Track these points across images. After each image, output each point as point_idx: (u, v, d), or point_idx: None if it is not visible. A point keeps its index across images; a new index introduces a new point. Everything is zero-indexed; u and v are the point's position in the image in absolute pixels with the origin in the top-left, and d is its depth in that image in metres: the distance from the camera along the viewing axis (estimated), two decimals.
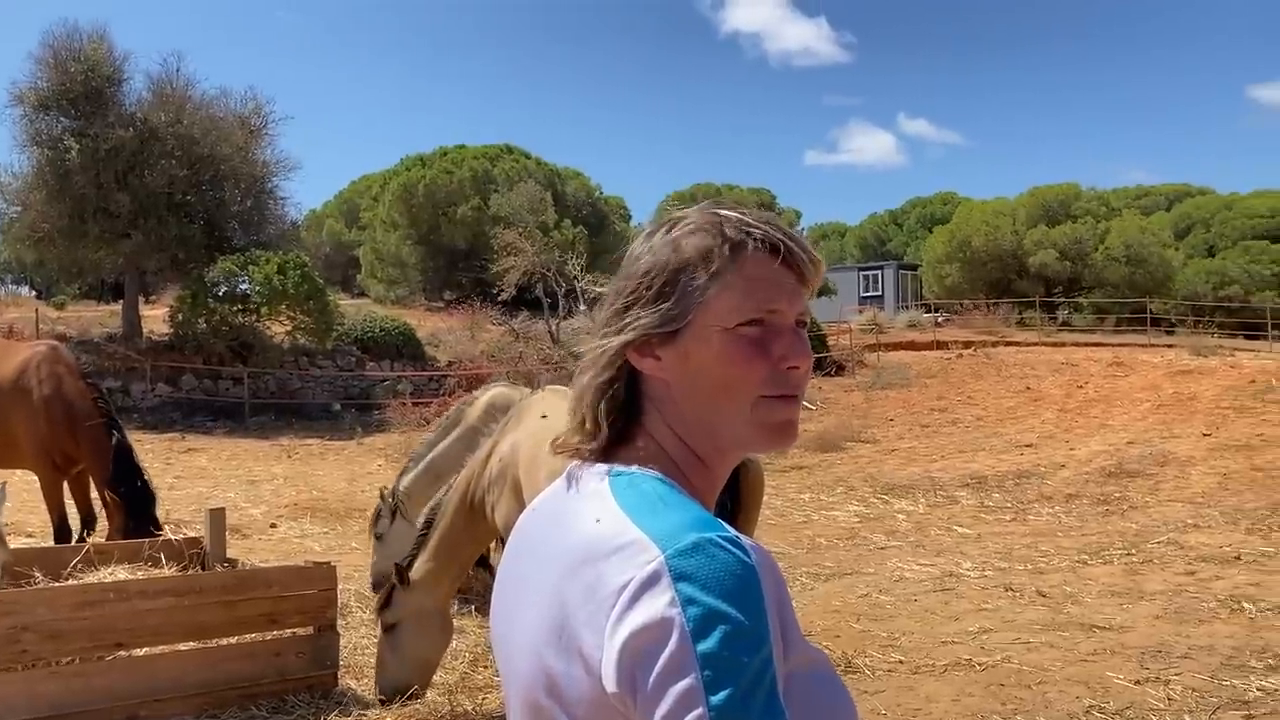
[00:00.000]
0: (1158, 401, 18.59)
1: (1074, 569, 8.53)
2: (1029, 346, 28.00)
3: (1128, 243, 38.98)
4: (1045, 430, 17.76)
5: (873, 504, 12.28)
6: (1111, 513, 11.41)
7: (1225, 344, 26.37)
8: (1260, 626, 6.56)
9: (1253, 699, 5.17)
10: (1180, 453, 14.37)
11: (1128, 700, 5.18)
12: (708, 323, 1.04)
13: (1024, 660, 5.92)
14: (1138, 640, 6.28)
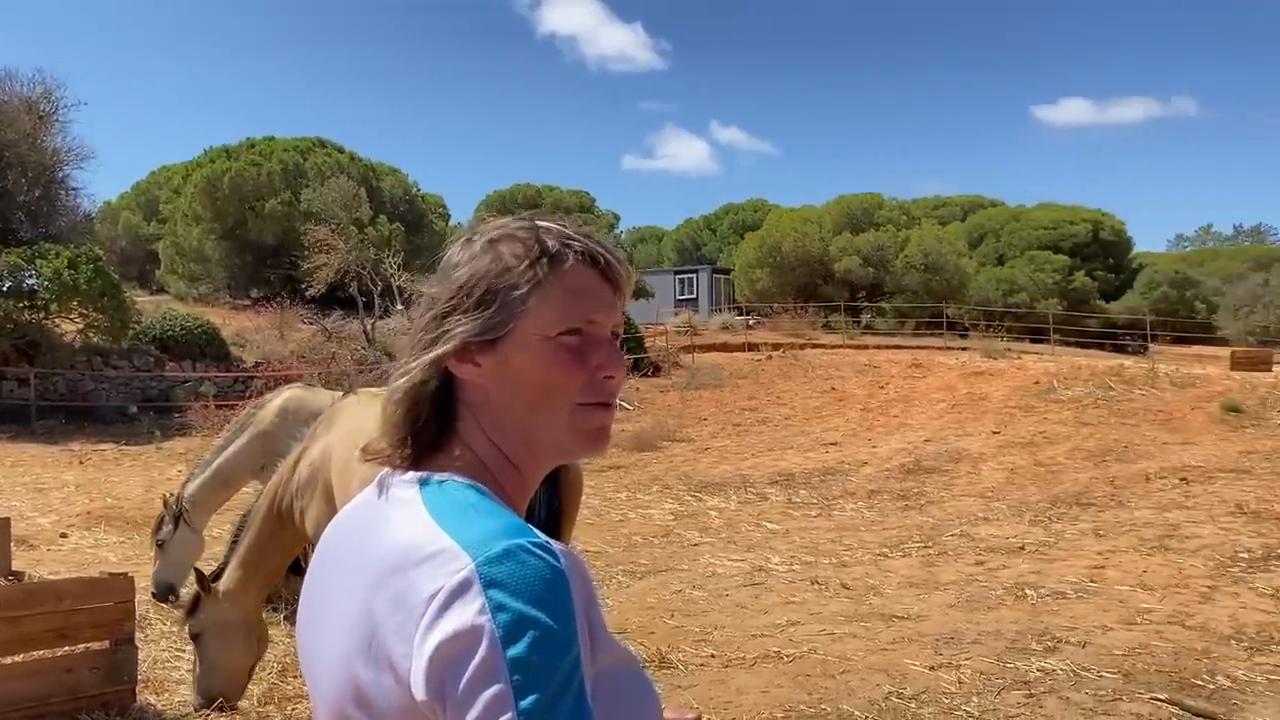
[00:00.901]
0: (952, 401, 19.67)
1: (875, 562, 8.94)
2: (835, 349, 29.13)
3: (926, 251, 41.09)
4: (849, 429, 18.54)
5: (687, 502, 12.53)
6: (910, 507, 12.01)
7: (1013, 347, 28.12)
8: (1041, 611, 7.04)
9: (1033, 679, 5.55)
10: (972, 450, 15.25)
11: (923, 685, 5.47)
12: (529, 331, 1.06)
13: (829, 651, 6.17)
14: (933, 628, 6.64)
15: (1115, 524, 10.01)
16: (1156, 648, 6.12)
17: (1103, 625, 6.65)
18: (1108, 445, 14.86)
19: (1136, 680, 5.52)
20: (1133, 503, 11.04)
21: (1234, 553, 8.58)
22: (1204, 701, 5.20)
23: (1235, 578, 7.90)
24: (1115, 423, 16.52)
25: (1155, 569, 8.20)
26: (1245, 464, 12.77)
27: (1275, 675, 5.66)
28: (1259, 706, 5.18)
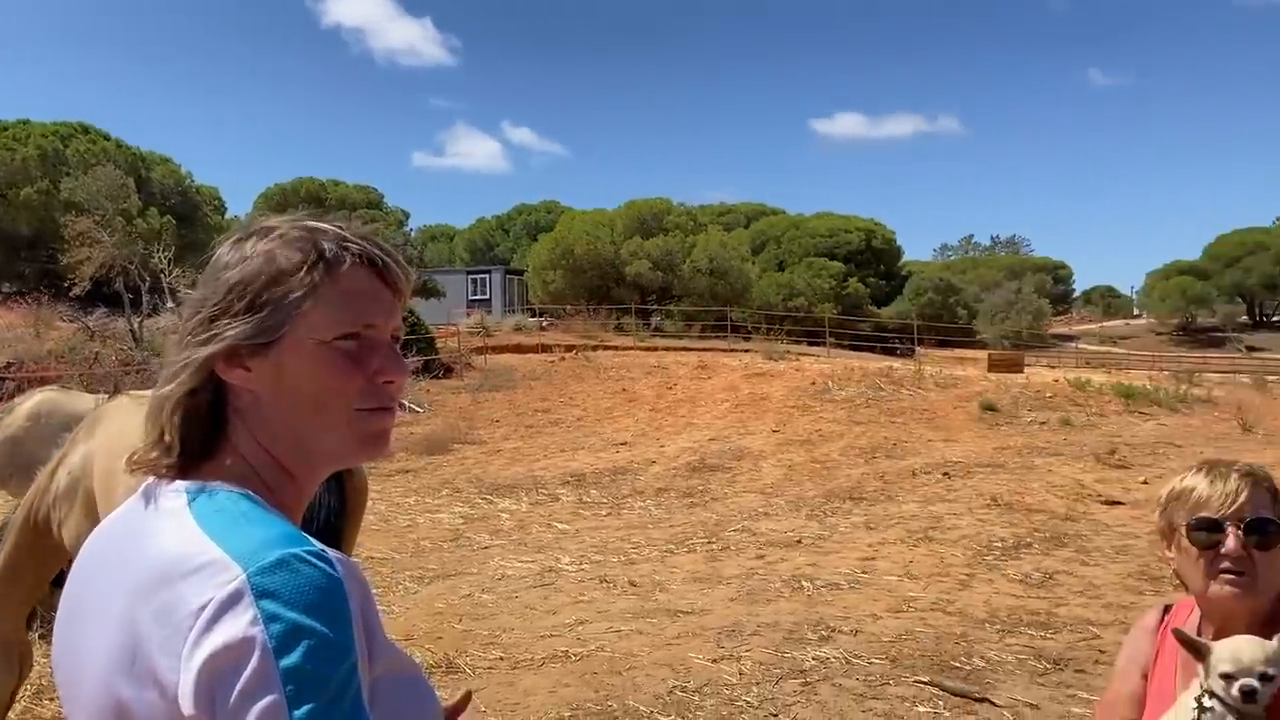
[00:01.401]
0: (736, 401, 20.33)
1: (662, 558, 9.13)
2: (625, 350, 29.57)
3: (712, 256, 42.28)
4: (639, 429, 18.86)
5: (477, 504, 12.44)
6: (695, 505, 12.34)
7: (793, 350, 29.31)
8: (816, 602, 7.38)
9: (809, 667, 5.81)
10: (754, 448, 15.81)
11: (706, 678, 5.64)
12: (303, 336, 1.03)
13: (616, 648, 6.26)
14: (716, 621, 6.85)
15: (884, 517, 10.59)
16: (920, 633, 6.53)
17: (873, 614, 7.03)
18: (878, 442, 15.71)
19: (902, 665, 5.86)
20: (900, 496, 11.71)
21: (989, 542, 9.24)
22: (961, 682, 5.58)
23: (990, 565, 8.51)
24: (885, 421, 17.48)
25: (920, 559, 8.73)
26: (999, 459, 13.77)
27: (1023, 654, 6.14)
28: (1009, 684, 5.61)
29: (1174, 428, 17.31)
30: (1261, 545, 1.69)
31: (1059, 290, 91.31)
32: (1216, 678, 1.63)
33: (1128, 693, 1.91)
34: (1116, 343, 70.87)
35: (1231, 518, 1.71)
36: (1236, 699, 1.59)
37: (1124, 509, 10.75)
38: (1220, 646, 1.64)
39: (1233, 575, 1.70)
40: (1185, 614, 1.88)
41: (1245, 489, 1.72)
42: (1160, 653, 1.86)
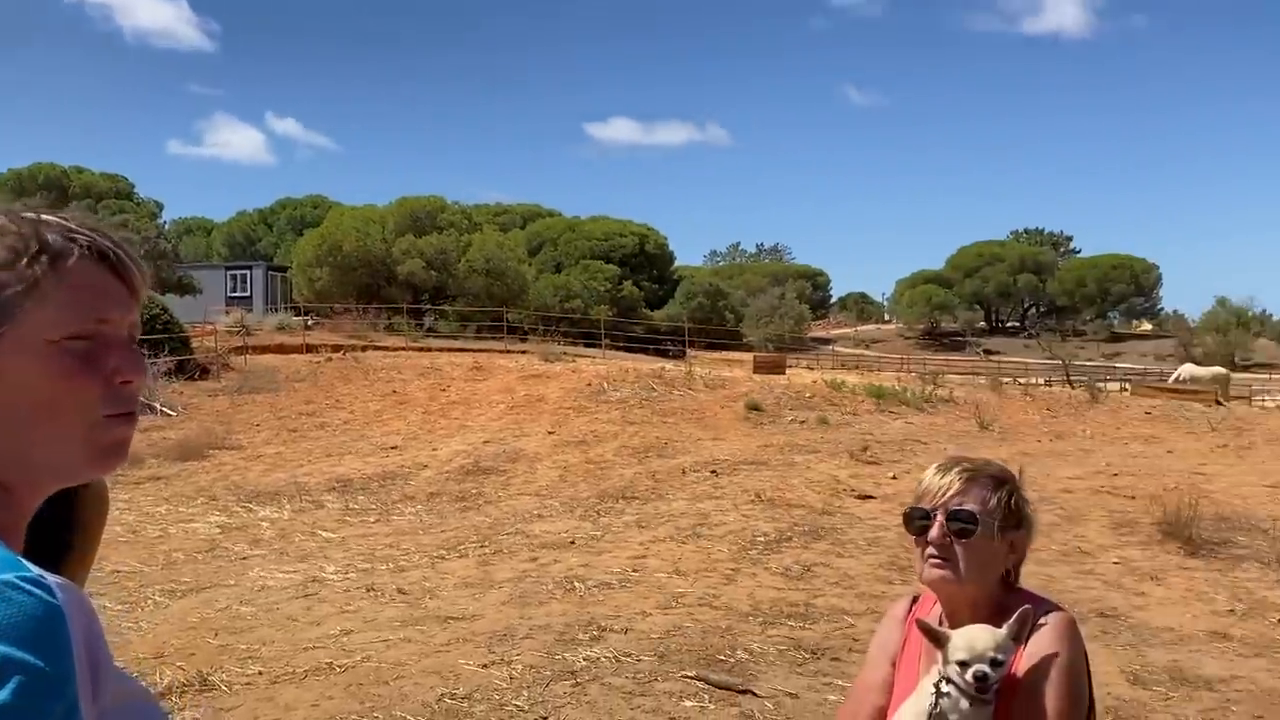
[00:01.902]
0: (511, 403, 20.26)
1: (433, 564, 8.98)
2: (397, 351, 28.93)
3: (488, 256, 42.02)
4: (410, 432, 18.49)
5: (236, 513, 11.85)
6: (469, 508, 12.21)
7: (569, 351, 29.50)
8: (588, 603, 7.44)
9: (580, 668, 5.85)
10: (529, 450, 15.80)
11: (476, 684, 5.58)
12: (25, 335, 0.94)
13: (383, 657, 6.11)
14: (487, 626, 6.79)
15: (655, 515, 10.81)
16: (688, 629, 6.70)
17: (643, 611, 7.16)
18: (650, 442, 16.03)
19: (670, 660, 6.00)
20: (671, 495, 11.99)
21: (752, 537, 9.59)
22: (726, 674, 5.76)
23: (753, 560, 8.83)
24: (657, 421, 17.86)
25: (688, 555, 8.96)
26: (763, 456, 14.33)
27: (783, 645, 6.40)
28: (770, 674, 5.83)
29: (920, 426, 18.51)
30: (959, 534, 1.82)
31: (818, 296, 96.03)
32: (953, 665, 1.74)
33: (877, 680, 2.01)
34: (869, 346, 75.21)
35: (941, 507, 1.84)
36: (970, 684, 1.71)
37: (875, 503, 11.40)
38: (957, 635, 1.76)
39: (937, 560, 1.84)
40: (930, 603, 2.01)
41: (959, 483, 1.86)
42: (907, 641, 1.97)
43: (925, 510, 1.87)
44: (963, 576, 1.83)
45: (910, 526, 1.90)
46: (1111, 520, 10.60)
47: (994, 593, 1.88)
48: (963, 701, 1.73)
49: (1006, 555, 1.89)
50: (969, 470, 1.90)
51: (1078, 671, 1.77)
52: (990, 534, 1.85)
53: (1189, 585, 8.47)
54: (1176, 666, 6.29)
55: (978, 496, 1.86)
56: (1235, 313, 75.23)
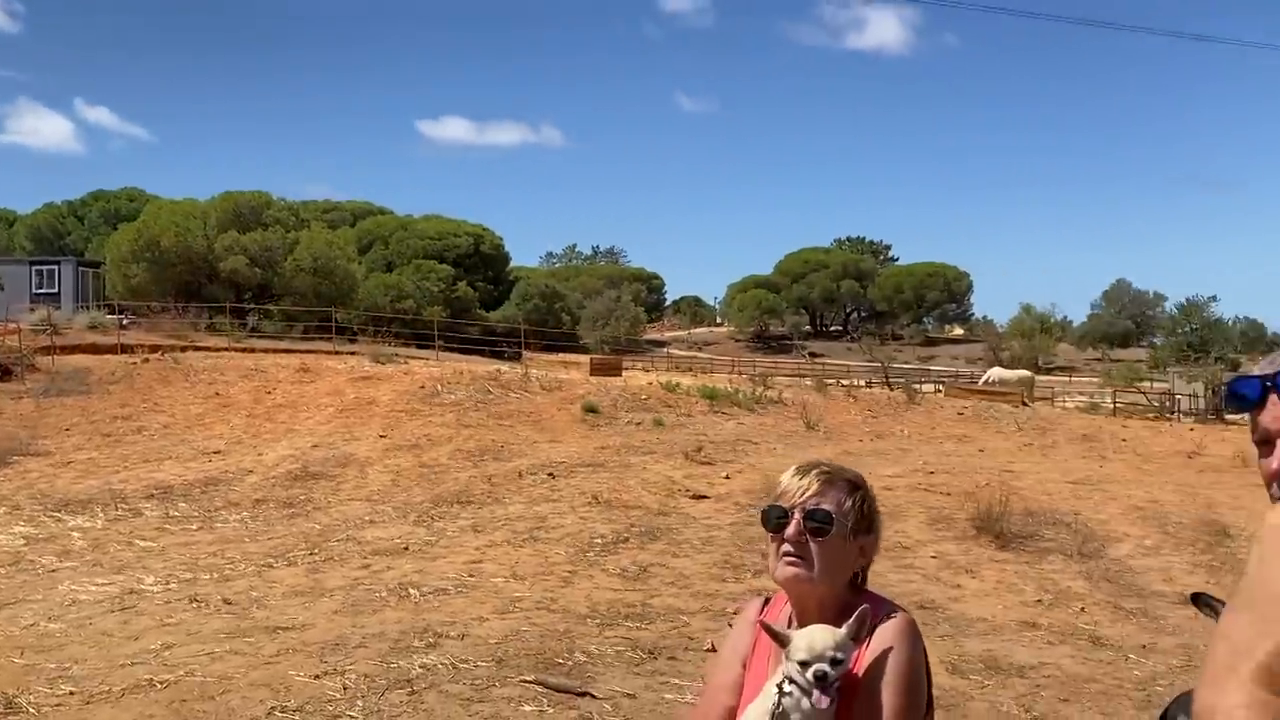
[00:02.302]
0: (341, 406, 19.72)
1: (260, 573, 8.67)
2: (219, 352, 27.75)
3: (315, 254, 40.80)
4: (234, 436, 17.78)
5: (43, 523, 11.15)
6: (297, 515, 11.84)
7: (401, 352, 28.91)
8: (423, 609, 7.33)
9: (415, 676, 5.76)
10: (360, 454, 15.43)
11: (308, 696, 5.42)
12: None
13: (208, 671, 5.86)
14: (318, 636, 6.61)
15: (491, 519, 10.74)
16: (526, 633, 6.68)
17: (480, 617, 7.10)
18: (486, 445, 15.89)
19: (508, 665, 5.97)
20: (507, 498, 11.92)
21: (590, 539, 9.64)
22: (564, 678, 5.78)
23: (591, 561, 8.88)
24: (493, 424, 17.71)
25: (526, 559, 8.94)
26: (600, 458, 14.41)
27: (621, 646, 6.47)
28: (608, 675, 5.88)
29: (751, 426, 18.98)
30: (815, 533, 1.89)
31: (653, 299, 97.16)
32: (794, 664, 1.79)
33: (728, 681, 2.05)
34: (702, 348, 76.60)
35: (798, 507, 1.90)
36: (810, 683, 1.77)
37: (709, 503, 11.63)
38: (797, 635, 1.82)
39: (792, 558, 1.89)
40: (781, 605, 2.06)
41: (817, 484, 1.93)
42: (757, 642, 2.02)
43: (783, 509, 1.92)
44: (816, 575, 1.89)
45: (767, 524, 1.95)
46: (929, 516, 11.12)
47: (842, 594, 1.94)
48: (804, 701, 1.77)
49: (856, 558, 1.96)
50: (827, 473, 1.97)
51: (917, 671, 1.84)
52: (844, 535, 1.91)
53: (1000, 577, 8.97)
54: (991, 655, 6.65)
55: (834, 498, 1.93)
56: (1039, 319, 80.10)
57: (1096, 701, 5.89)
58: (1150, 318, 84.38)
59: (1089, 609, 8.10)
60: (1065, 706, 5.78)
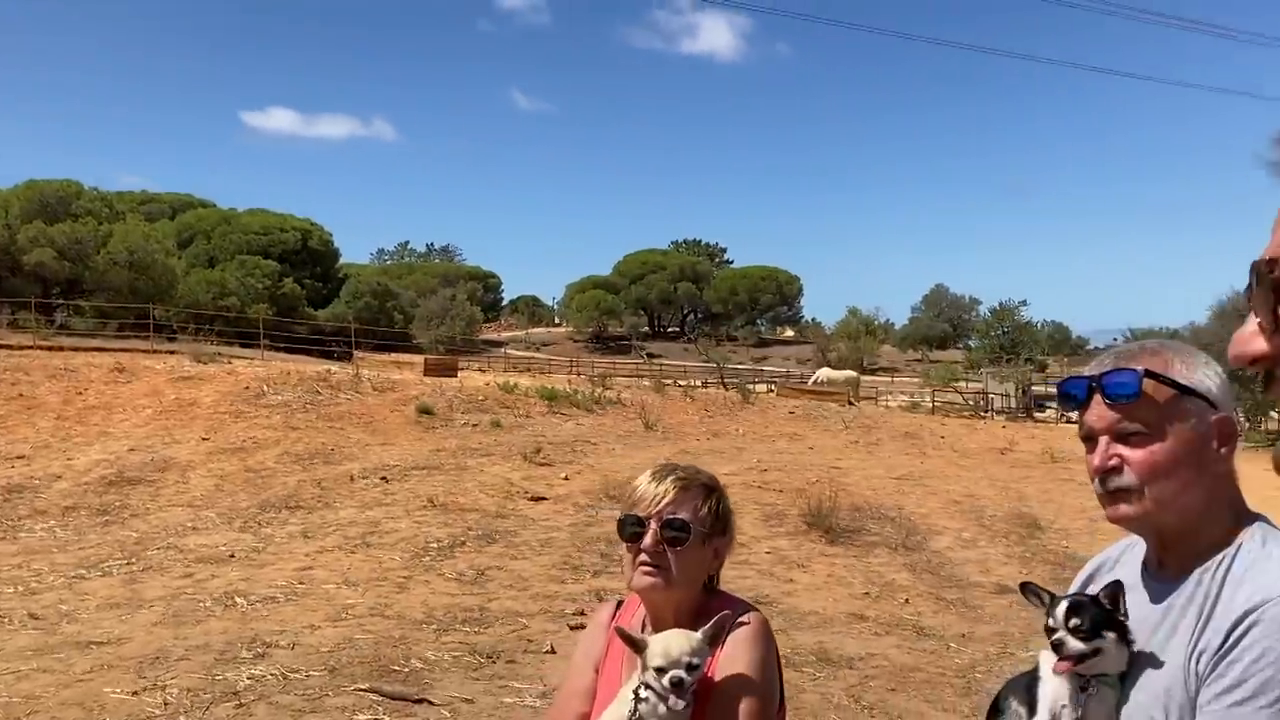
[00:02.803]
0: (160, 408, 18.79)
1: (70, 585, 8.17)
2: (23, 350, 26.01)
3: (131, 248, 38.74)
4: (41, 440, 16.70)
5: None
6: (112, 522, 11.21)
7: (224, 352, 27.75)
8: (251, 618, 7.05)
9: (243, 688, 5.53)
10: (181, 458, 14.73)
11: (125, 713, 5.13)
12: None
13: (14, 691, 5.48)
14: (136, 650, 6.27)
15: (322, 525, 10.41)
16: (360, 640, 6.50)
17: (311, 625, 6.87)
18: (315, 448, 15.41)
19: (342, 674, 5.80)
20: (338, 503, 11.59)
21: (425, 543, 9.46)
22: (400, 685, 5.65)
23: (427, 566, 8.72)
24: (323, 426, 17.19)
25: (359, 565, 8.70)
26: (436, 461, 14.17)
27: (458, 651, 6.37)
28: (445, 681, 5.78)
29: (590, 427, 19.01)
30: (673, 542, 1.88)
31: (489, 298, 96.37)
32: (650, 671, 1.79)
33: (581, 686, 2.03)
34: (540, 349, 76.39)
35: (656, 515, 1.89)
36: (667, 689, 1.76)
37: (548, 504, 11.59)
38: (654, 642, 1.81)
39: (649, 567, 1.88)
40: (635, 608, 2.05)
41: (673, 491, 1.92)
42: (610, 646, 2.00)
43: (639, 518, 1.91)
44: (673, 583, 1.89)
45: (623, 533, 1.93)
46: (763, 513, 11.38)
47: (697, 597, 1.95)
48: (660, 706, 1.77)
49: (711, 561, 1.97)
50: (683, 479, 1.96)
51: (769, 671, 1.87)
52: (700, 541, 1.91)
53: (830, 571, 9.26)
54: (822, 647, 6.85)
55: (690, 505, 1.92)
56: (864, 321, 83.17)
57: (921, 690, 6.14)
58: (966, 321, 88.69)
59: (913, 600, 8.45)
60: (893, 695, 6.01)
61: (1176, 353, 1.53)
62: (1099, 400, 1.51)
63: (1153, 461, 1.47)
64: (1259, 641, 1.33)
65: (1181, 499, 1.47)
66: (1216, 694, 1.35)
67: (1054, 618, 1.53)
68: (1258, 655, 1.33)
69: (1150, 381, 1.47)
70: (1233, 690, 1.33)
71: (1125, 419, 1.49)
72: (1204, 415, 1.47)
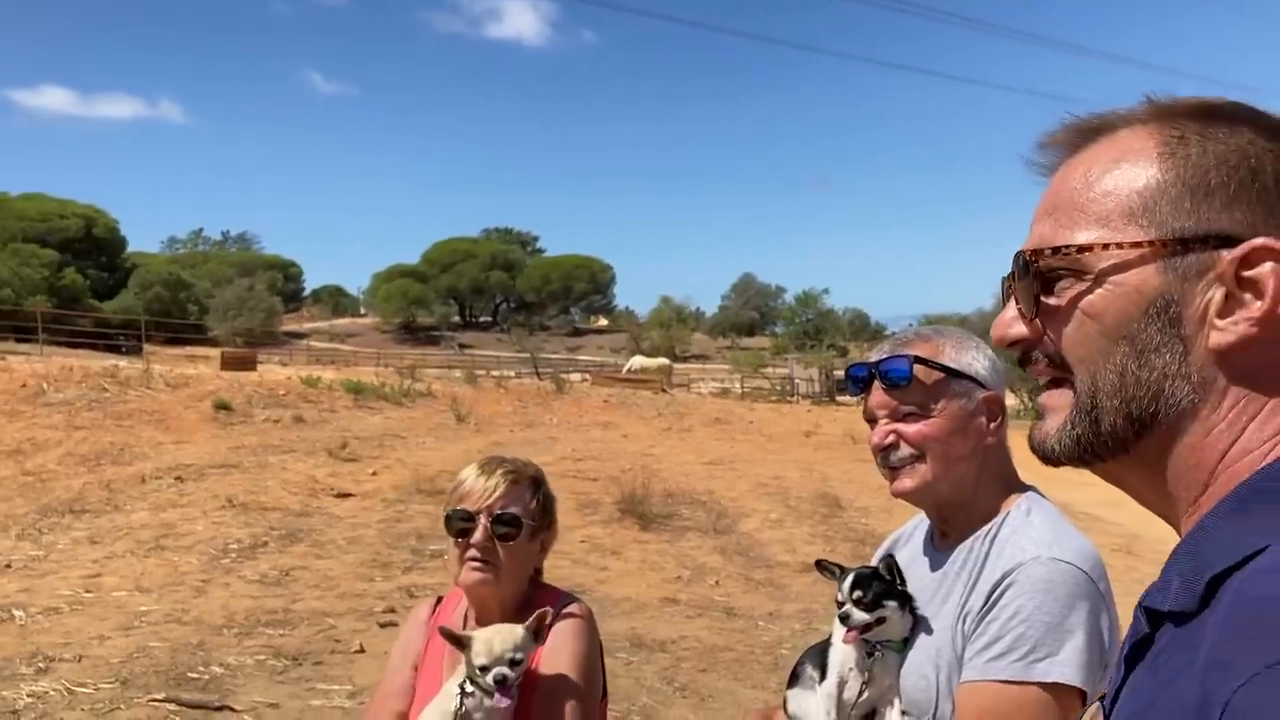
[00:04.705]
0: None
1: None
2: None
3: None
4: None
5: None
6: None
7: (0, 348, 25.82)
8: (32, 632, 6.57)
9: (23, 706, 5.15)
10: None
11: None
12: None
13: None
14: None
15: (111, 529, 9.81)
16: (155, 648, 6.16)
17: (100, 635, 6.47)
18: (103, 448, 14.51)
19: (135, 685, 5.48)
20: (129, 506, 10.94)
21: (225, 545, 9.06)
22: (199, 693, 5.38)
23: (227, 568, 8.34)
24: (111, 425, 16.20)
25: (152, 569, 8.24)
26: (235, 459, 13.58)
27: (261, 654, 6.12)
28: (249, 686, 5.54)
29: (399, 420, 18.62)
30: (504, 537, 1.88)
31: (291, 288, 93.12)
32: (475, 668, 1.77)
33: (399, 685, 2.00)
34: (345, 340, 74.35)
35: (485, 510, 1.87)
36: (491, 686, 1.75)
37: (355, 500, 11.30)
38: (477, 640, 1.78)
39: (479, 563, 1.87)
40: (454, 604, 2.02)
41: (503, 485, 1.90)
42: (430, 643, 1.98)
43: (468, 512, 1.89)
44: (503, 578, 1.88)
45: (451, 529, 1.90)
46: (578, 502, 11.42)
47: (523, 590, 1.95)
48: (486, 700, 1.77)
49: (538, 554, 1.97)
50: (512, 472, 1.95)
51: (592, 662, 1.90)
52: (530, 535, 1.92)
53: (644, 557, 9.39)
54: (635, 633, 6.93)
55: (521, 499, 1.92)
56: (676, 310, 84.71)
57: (731, 668, 6.30)
58: (772, 309, 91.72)
59: (723, 582, 8.66)
60: (703, 675, 6.14)
61: (948, 338, 1.68)
62: (877, 385, 1.65)
63: (924, 434, 1.61)
64: (1014, 600, 1.45)
65: (954, 470, 1.61)
66: (977, 650, 1.47)
67: (840, 591, 1.62)
68: (1012, 613, 1.44)
69: (920, 367, 1.61)
70: (991, 646, 1.45)
71: (899, 401, 1.63)
72: (972, 394, 1.62)
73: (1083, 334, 0.76)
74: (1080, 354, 0.77)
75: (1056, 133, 0.83)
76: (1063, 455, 0.79)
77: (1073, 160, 0.81)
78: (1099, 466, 0.79)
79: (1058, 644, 1.40)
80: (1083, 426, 0.77)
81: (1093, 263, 0.75)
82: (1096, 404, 0.76)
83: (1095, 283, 0.75)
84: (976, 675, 1.45)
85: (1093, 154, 0.79)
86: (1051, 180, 0.82)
